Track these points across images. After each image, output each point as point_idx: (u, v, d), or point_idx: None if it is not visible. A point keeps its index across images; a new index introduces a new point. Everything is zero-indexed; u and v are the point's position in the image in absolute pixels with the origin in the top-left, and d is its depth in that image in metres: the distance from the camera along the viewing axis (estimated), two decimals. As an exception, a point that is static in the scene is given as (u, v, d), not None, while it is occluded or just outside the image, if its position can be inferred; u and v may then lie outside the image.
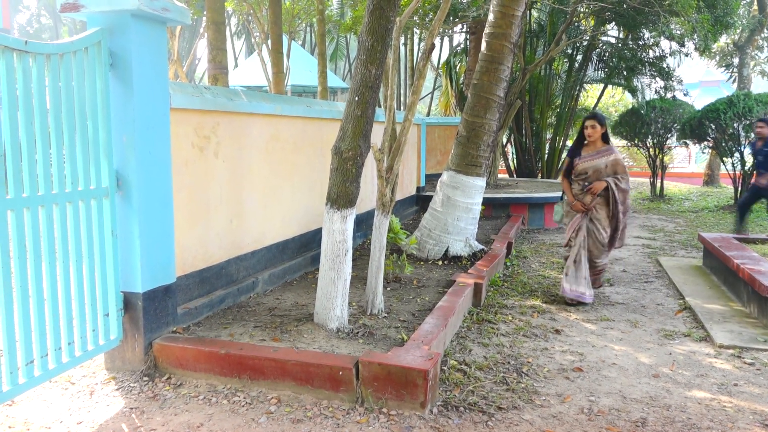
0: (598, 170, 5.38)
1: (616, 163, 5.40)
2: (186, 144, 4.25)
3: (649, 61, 13.34)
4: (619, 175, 5.39)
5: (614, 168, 5.39)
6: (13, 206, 2.93)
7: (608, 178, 5.37)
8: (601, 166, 5.38)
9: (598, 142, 5.47)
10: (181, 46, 17.76)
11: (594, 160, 5.41)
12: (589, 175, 5.41)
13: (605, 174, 5.38)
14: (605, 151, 5.44)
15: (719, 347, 4.40)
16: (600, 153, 5.44)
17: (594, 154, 5.44)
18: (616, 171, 5.39)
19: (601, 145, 5.48)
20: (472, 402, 3.44)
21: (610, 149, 5.47)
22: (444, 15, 4.62)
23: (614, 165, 5.39)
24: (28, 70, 3.00)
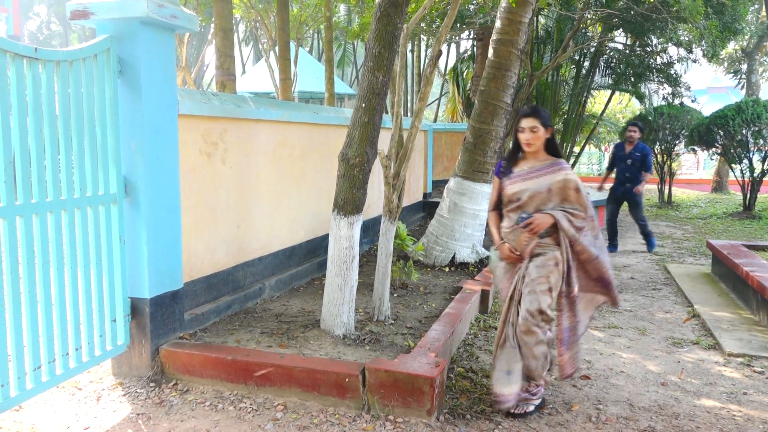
0: (536, 195, 3.42)
1: (565, 185, 3.41)
2: (194, 150, 4.26)
3: (656, 67, 13.30)
4: (572, 205, 3.43)
5: (563, 193, 3.42)
6: (22, 212, 2.95)
7: (556, 211, 3.39)
8: (542, 190, 3.41)
9: (540, 152, 3.51)
10: (189, 52, 17.85)
11: (531, 180, 3.45)
12: (523, 202, 3.45)
13: (549, 202, 3.43)
14: (550, 168, 3.47)
15: (728, 355, 4.37)
16: (541, 170, 3.47)
17: (531, 171, 3.49)
18: (567, 198, 3.43)
19: (545, 157, 3.52)
20: (479, 410, 3.42)
21: (557, 164, 3.48)
22: (451, 22, 4.63)
23: (563, 189, 3.42)
24: (38, 77, 3.02)
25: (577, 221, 3.42)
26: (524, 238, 3.42)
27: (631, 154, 8.19)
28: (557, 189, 3.43)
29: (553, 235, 3.42)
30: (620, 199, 8.40)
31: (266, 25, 16.75)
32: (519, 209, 3.47)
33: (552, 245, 3.42)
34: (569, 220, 3.40)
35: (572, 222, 3.41)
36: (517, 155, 3.57)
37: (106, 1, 3.42)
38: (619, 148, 8.46)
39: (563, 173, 3.46)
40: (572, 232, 3.40)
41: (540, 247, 3.42)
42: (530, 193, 3.43)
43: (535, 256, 3.43)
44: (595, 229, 3.57)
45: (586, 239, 3.47)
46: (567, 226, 3.38)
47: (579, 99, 14.60)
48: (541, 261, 3.41)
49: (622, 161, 8.30)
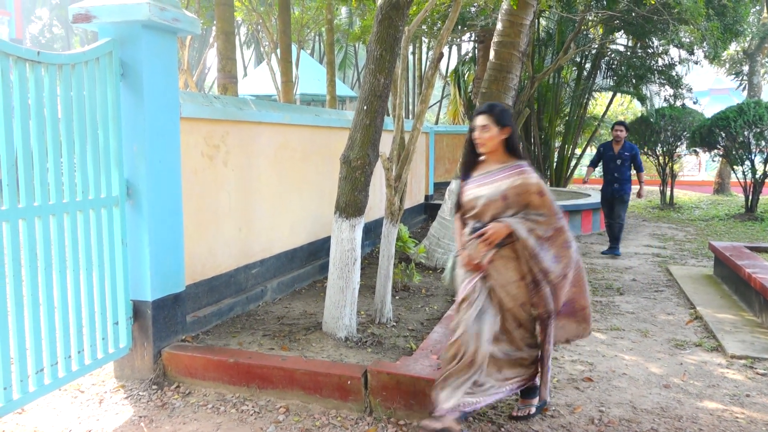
0: (492, 203, 3.07)
1: (524, 190, 3.05)
2: (196, 153, 4.27)
3: (658, 69, 13.32)
4: (535, 212, 3.06)
5: (523, 199, 3.05)
6: (25, 215, 2.95)
7: (513, 219, 3.03)
8: (496, 197, 3.06)
9: (498, 153, 3.15)
10: (191, 55, 17.89)
11: (485, 185, 3.12)
12: (478, 210, 3.12)
13: (508, 209, 3.06)
14: (506, 171, 3.11)
15: (731, 357, 4.36)
16: (496, 174, 3.12)
17: (486, 175, 3.15)
18: (531, 204, 3.05)
19: (504, 158, 3.15)
20: (482, 412, 3.42)
21: (515, 167, 3.11)
22: (453, 24, 4.64)
23: (522, 194, 3.05)
24: (41, 81, 3.03)
25: (540, 228, 3.03)
26: (480, 248, 3.07)
27: (620, 153, 8.11)
28: (514, 195, 3.05)
29: (512, 244, 3.06)
30: (611, 199, 8.29)
31: (268, 28, 16.78)
32: (475, 218, 3.14)
33: (511, 256, 3.07)
34: (530, 229, 3.02)
35: (534, 230, 3.03)
36: (475, 157, 3.23)
37: (109, 5, 3.43)
38: (607, 147, 8.32)
39: (521, 177, 3.06)
40: (532, 242, 3.00)
41: (498, 259, 3.09)
42: (485, 200, 3.08)
43: (496, 270, 3.12)
44: (562, 243, 3.09)
45: (546, 255, 3.04)
46: (525, 235, 3.00)
47: (580, 101, 14.62)
48: (498, 271, 3.11)
49: (611, 161, 8.19)
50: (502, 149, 3.14)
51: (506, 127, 3.10)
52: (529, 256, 3.03)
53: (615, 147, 8.16)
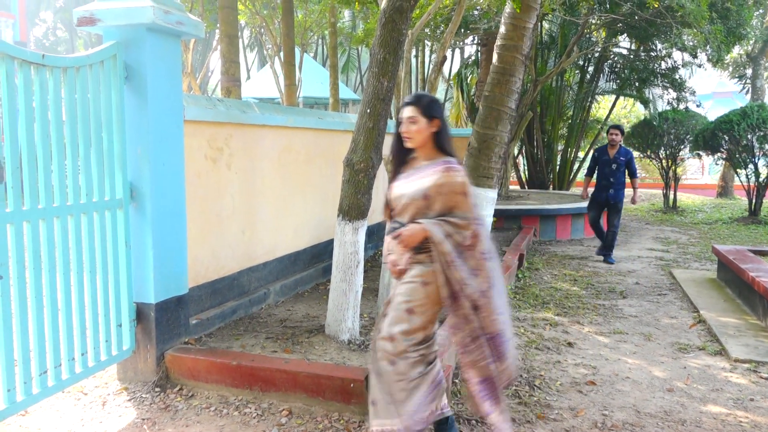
0: (412, 203, 2.80)
1: (449, 189, 2.76)
2: (199, 156, 4.28)
3: (661, 72, 13.31)
4: (457, 214, 2.75)
5: (447, 199, 2.76)
6: (30, 217, 2.96)
7: (430, 221, 2.74)
8: (418, 196, 2.78)
9: (427, 149, 2.90)
10: (194, 58, 17.92)
11: (409, 183, 2.85)
12: (399, 210, 2.87)
13: (429, 210, 2.78)
14: (433, 167, 2.83)
15: (735, 361, 4.35)
16: (423, 170, 2.86)
17: (413, 172, 2.89)
18: (456, 205, 2.76)
19: (433, 154, 2.89)
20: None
21: (443, 164, 2.82)
22: (456, 27, 4.65)
23: (446, 194, 2.76)
24: (45, 83, 3.04)
25: (459, 234, 2.70)
26: (398, 250, 2.85)
27: (615, 158, 7.94)
28: (438, 194, 2.75)
29: (429, 249, 2.75)
30: (603, 204, 8.11)
31: (271, 31, 16.81)
32: (398, 218, 2.88)
33: (427, 261, 2.76)
34: (448, 234, 2.70)
35: (452, 236, 2.70)
36: (405, 154, 2.94)
37: (113, 8, 3.44)
38: (602, 152, 8.15)
39: (447, 175, 2.75)
40: (448, 247, 2.68)
41: (414, 264, 2.81)
42: (406, 199, 2.81)
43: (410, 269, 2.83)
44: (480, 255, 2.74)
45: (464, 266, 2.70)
46: (441, 239, 2.68)
47: (583, 104, 14.62)
48: (409, 277, 2.81)
49: (606, 166, 8.00)
50: (431, 144, 2.87)
51: (435, 120, 2.84)
52: (445, 264, 2.68)
53: (610, 151, 8.01)
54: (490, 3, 8.43)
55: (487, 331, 2.72)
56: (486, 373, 2.73)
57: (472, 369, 2.74)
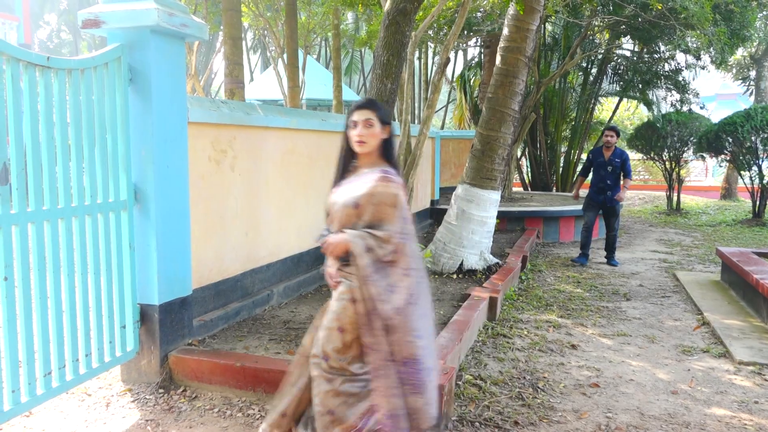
0: (343, 211, 2.62)
1: (380, 199, 2.55)
2: (203, 157, 4.29)
3: (664, 74, 13.31)
4: (382, 226, 2.53)
5: (378, 211, 2.55)
6: (34, 219, 2.97)
7: (354, 232, 2.53)
8: (349, 204, 2.59)
9: (373, 156, 2.70)
10: (198, 60, 17.97)
11: (345, 191, 2.67)
12: (330, 218, 2.70)
13: (359, 221, 2.57)
14: (370, 175, 2.63)
15: (739, 364, 4.34)
16: (360, 177, 2.67)
17: (354, 179, 2.70)
18: (383, 217, 2.54)
19: (377, 162, 2.70)
20: (488, 417, 3.41)
21: (380, 173, 2.61)
22: (459, 29, 4.65)
23: (377, 204, 2.55)
24: (50, 86, 3.05)
25: (382, 248, 2.48)
26: (330, 264, 2.69)
27: (611, 160, 7.81)
28: (368, 204, 2.54)
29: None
30: (600, 207, 7.98)
31: (274, 33, 16.84)
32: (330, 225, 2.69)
33: (353, 276, 2.54)
34: (369, 247, 2.47)
35: (374, 250, 2.48)
36: (350, 159, 2.74)
37: (118, 10, 3.45)
38: (597, 154, 8.03)
39: (380, 184, 2.55)
40: (365, 261, 2.46)
41: (342, 278, 2.60)
42: (338, 207, 2.63)
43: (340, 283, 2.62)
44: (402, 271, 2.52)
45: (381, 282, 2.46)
46: (359, 252, 2.46)
47: (587, 106, 14.62)
48: (338, 294, 2.60)
49: (602, 168, 7.88)
50: (378, 152, 2.69)
51: (387, 126, 2.70)
52: (362, 279, 2.47)
53: (605, 153, 7.88)
54: (493, 5, 8.44)
55: (398, 356, 2.44)
56: (391, 407, 2.42)
57: (380, 398, 2.44)
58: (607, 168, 7.82)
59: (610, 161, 7.81)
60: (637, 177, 25.27)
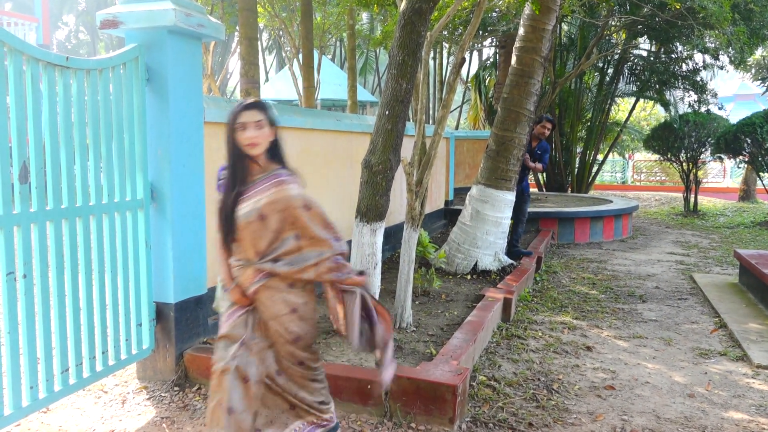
0: (249, 226, 2.47)
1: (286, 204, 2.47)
2: (219, 157, 4.29)
3: (682, 74, 13.16)
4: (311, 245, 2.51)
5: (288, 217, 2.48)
6: (53, 217, 3.01)
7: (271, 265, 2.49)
8: (252, 216, 2.45)
9: (262, 157, 2.55)
10: (214, 60, 18.07)
11: (248, 200, 2.49)
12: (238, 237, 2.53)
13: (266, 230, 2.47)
14: (266, 181, 2.52)
15: (757, 367, 4.28)
16: (257, 184, 2.52)
17: (251, 187, 2.52)
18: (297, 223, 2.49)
19: (267, 165, 2.57)
20: (502, 419, 3.40)
21: (275, 177, 2.53)
22: (474, 29, 4.63)
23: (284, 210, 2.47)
24: (69, 85, 3.09)
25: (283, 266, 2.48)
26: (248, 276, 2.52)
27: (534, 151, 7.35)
28: (274, 212, 2.43)
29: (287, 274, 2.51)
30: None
31: (290, 34, 16.91)
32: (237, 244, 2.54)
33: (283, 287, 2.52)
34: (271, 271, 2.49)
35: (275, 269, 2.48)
36: (245, 166, 2.53)
37: (135, 11, 3.48)
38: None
39: (279, 188, 2.45)
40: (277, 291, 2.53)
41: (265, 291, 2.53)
42: (242, 222, 2.45)
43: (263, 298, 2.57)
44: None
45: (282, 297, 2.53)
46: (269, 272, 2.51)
47: (602, 106, 14.51)
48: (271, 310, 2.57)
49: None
50: (266, 154, 2.55)
51: (275, 127, 2.56)
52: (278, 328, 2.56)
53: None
54: (509, 5, 8.40)
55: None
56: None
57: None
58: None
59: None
60: (654, 178, 25.06)
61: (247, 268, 2.50)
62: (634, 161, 26.06)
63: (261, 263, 2.47)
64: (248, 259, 2.50)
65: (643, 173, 25.83)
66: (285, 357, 2.60)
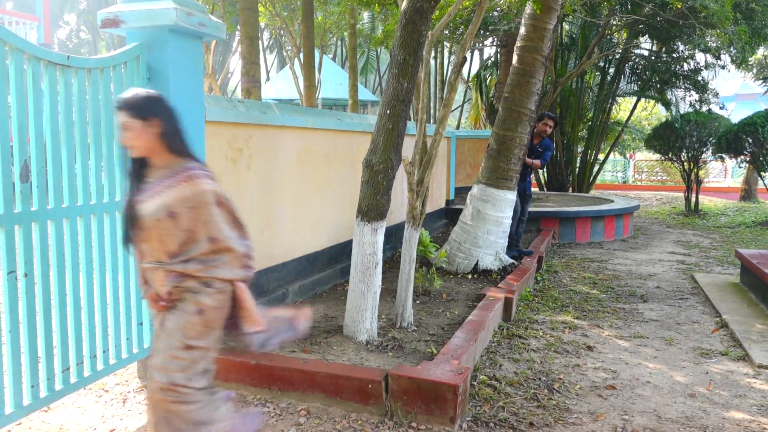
0: (156, 225, 2.30)
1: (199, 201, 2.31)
2: (220, 156, 4.31)
3: (683, 74, 13.14)
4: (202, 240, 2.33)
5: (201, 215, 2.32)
6: (54, 216, 3.01)
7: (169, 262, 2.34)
8: (161, 214, 2.29)
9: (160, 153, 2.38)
10: (215, 60, 18.08)
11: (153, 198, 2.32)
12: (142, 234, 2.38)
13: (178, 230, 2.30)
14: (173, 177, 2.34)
15: (758, 367, 4.28)
16: (160, 181, 2.35)
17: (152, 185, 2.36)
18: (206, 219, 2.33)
19: (170, 161, 2.39)
20: (503, 418, 3.40)
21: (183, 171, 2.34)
22: (476, 29, 4.63)
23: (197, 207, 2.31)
24: (70, 84, 3.09)
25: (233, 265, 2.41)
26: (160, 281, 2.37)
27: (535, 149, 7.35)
28: (187, 209, 2.26)
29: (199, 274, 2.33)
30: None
31: (291, 33, 16.90)
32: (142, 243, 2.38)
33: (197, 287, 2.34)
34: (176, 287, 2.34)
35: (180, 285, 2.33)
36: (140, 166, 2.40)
37: (137, 10, 3.48)
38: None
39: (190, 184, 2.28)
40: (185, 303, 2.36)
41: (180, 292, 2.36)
42: (150, 221, 2.28)
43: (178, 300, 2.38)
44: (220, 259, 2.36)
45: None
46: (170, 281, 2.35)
47: (604, 106, 14.49)
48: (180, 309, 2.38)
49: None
50: (162, 148, 2.33)
51: (153, 119, 2.30)
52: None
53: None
54: (510, 4, 8.39)
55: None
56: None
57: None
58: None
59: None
60: (655, 177, 25.04)
61: (158, 270, 2.33)
62: (635, 161, 26.05)
63: (172, 264, 2.31)
64: (159, 261, 2.34)
65: (644, 173, 25.81)
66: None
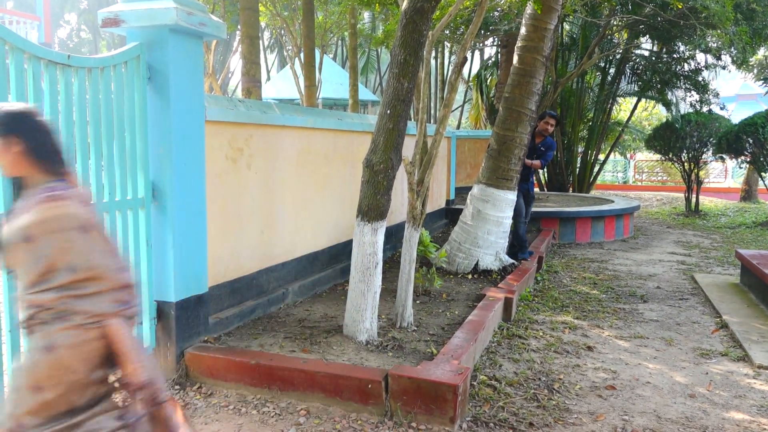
0: (14, 248, 1.90)
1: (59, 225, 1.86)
2: (220, 156, 4.31)
3: (684, 74, 13.13)
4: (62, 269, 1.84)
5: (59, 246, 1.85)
6: (53, 216, 3.01)
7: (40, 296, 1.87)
8: (18, 238, 1.88)
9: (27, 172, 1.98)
10: (215, 59, 18.08)
11: (12, 221, 1.93)
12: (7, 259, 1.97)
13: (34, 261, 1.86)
14: (36, 197, 1.91)
15: (758, 367, 4.28)
16: (25, 202, 1.95)
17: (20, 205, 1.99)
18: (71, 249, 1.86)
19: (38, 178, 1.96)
20: (503, 418, 3.40)
21: (46, 191, 1.92)
22: (476, 29, 4.63)
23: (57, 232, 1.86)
24: (70, 84, 3.09)
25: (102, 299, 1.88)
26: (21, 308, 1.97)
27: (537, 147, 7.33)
28: (43, 235, 1.85)
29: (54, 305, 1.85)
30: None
31: (291, 33, 16.90)
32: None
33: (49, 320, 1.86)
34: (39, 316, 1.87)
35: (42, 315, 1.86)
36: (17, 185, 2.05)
37: (137, 9, 3.48)
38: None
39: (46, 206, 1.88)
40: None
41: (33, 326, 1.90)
42: (9, 246, 1.93)
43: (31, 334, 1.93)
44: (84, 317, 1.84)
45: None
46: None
47: (604, 106, 14.49)
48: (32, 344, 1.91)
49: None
50: (30, 166, 1.96)
51: (12, 137, 1.93)
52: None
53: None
54: (510, 4, 8.39)
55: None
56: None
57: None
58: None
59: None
60: (655, 178, 25.04)
61: (20, 300, 1.96)
62: (635, 161, 26.04)
63: (29, 294, 1.91)
64: (23, 289, 1.94)
65: (645, 173, 25.81)
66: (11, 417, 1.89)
